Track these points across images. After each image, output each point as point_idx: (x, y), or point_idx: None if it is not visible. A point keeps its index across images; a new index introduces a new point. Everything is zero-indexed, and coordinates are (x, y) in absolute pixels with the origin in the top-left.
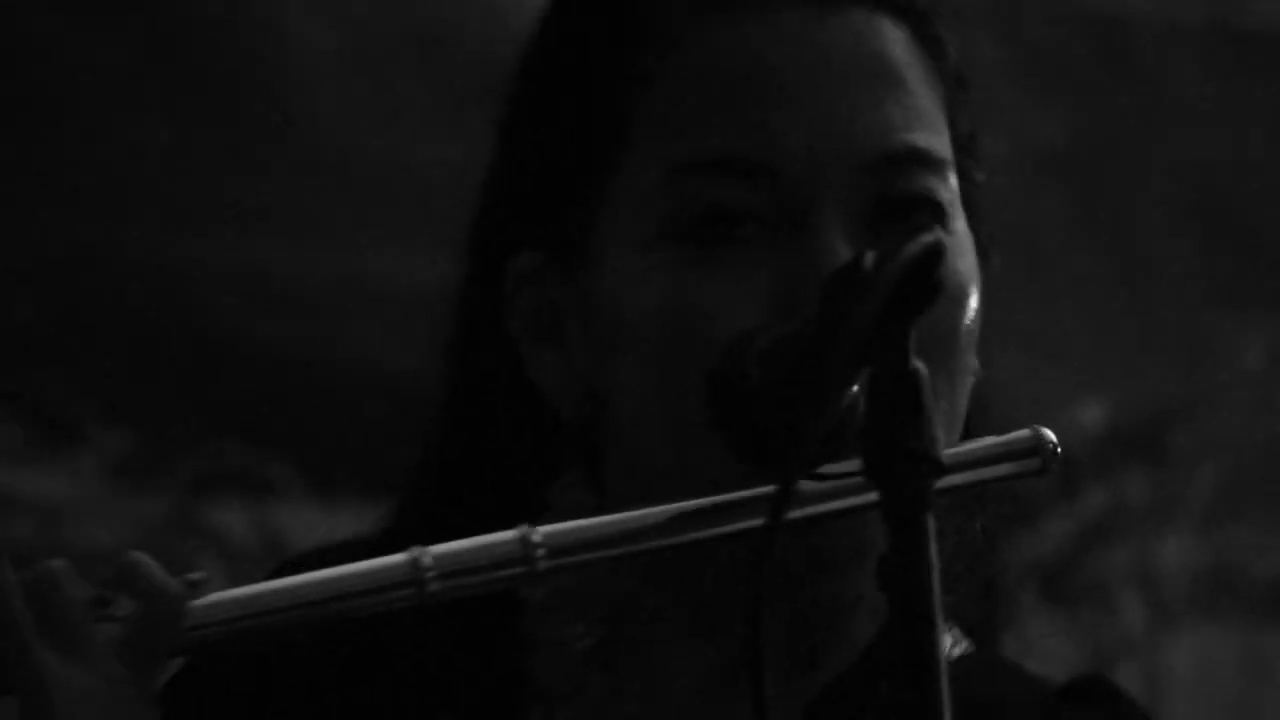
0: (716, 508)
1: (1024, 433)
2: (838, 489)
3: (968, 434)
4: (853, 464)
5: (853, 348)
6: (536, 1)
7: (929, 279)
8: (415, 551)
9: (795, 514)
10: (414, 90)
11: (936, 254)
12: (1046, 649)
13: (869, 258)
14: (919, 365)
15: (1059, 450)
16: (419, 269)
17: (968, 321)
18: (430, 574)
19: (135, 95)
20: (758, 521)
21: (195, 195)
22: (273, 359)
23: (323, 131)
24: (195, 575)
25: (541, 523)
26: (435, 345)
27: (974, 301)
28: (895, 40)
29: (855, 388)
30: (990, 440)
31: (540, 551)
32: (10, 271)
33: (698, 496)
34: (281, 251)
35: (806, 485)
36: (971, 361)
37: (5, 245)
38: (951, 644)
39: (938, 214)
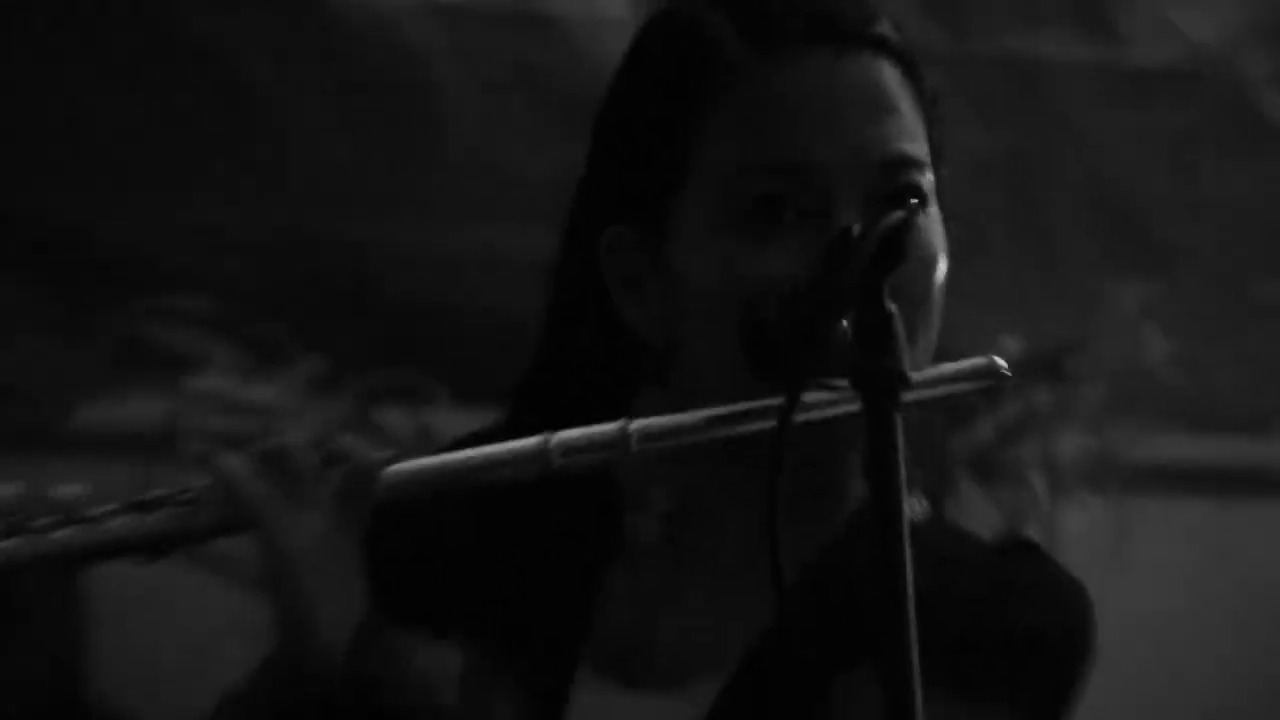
0: (750, 411)
1: (983, 360)
2: (832, 398)
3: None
4: (842, 380)
5: (842, 294)
6: (616, 45)
7: (898, 245)
8: (545, 436)
9: (803, 416)
10: (525, 112)
11: (903, 228)
12: (976, 513)
13: (855, 229)
14: (892, 307)
15: (1008, 372)
16: (528, 241)
17: (939, 280)
18: (556, 453)
19: (332, 120)
20: (773, 421)
21: (374, 189)
22: (426, 305)
23: (463, 143)
24: (386, 454)
25: None
26: (539, 296)
27: (943, 265)
28: (890, 76)
29: (844, 323)
30: (961, 364)
31: (634, 438)
32: (243, 245)
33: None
34: (432, 229)
35: (810, 395)
36: (941, 308)
37: (241, 227)
38: (916, 506)
39: (922, 201)
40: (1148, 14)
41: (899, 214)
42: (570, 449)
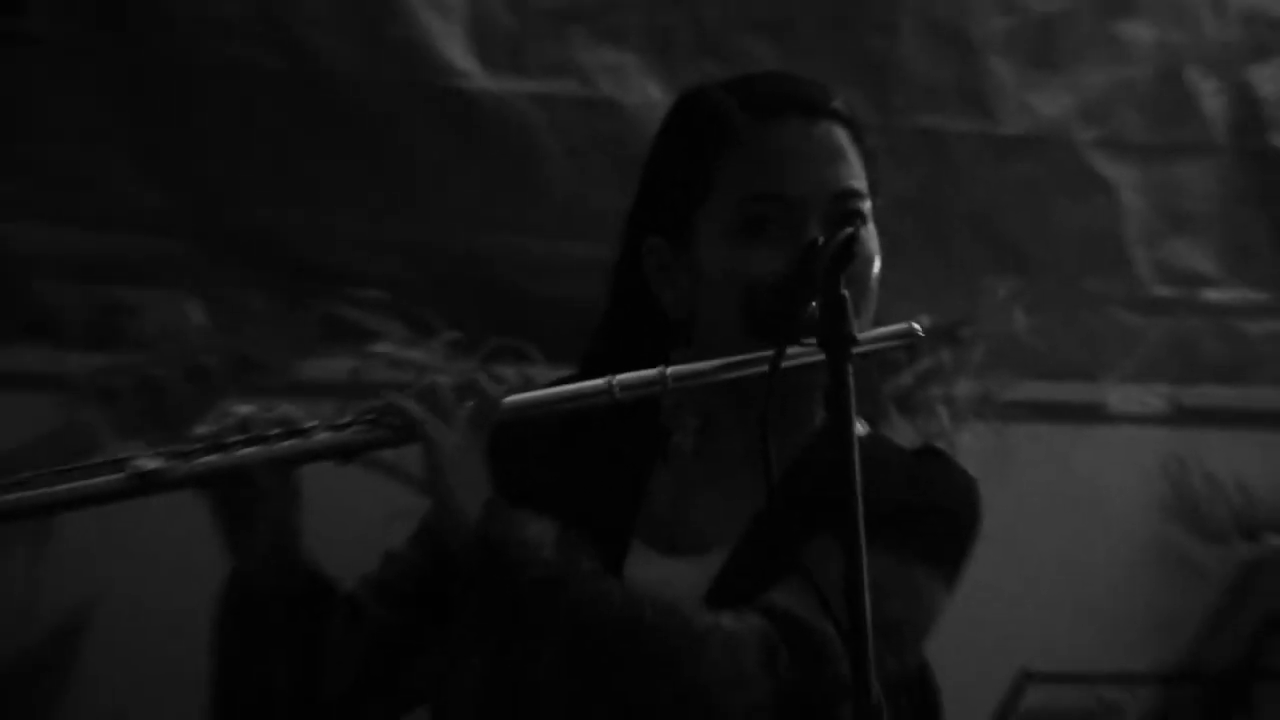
0: (749, 360)
1: (903, 325)
2: (805, 352)
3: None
4: (812, 340)
5: (812, 283)
6: (657, 119)
7: (849, 248)
8: (610, 376)
9: (786, 364)
10: (597, 165)
11: (851, 240)
12: (900, 434)
13: (820, 240)
14: (845, 292)
15: (921, 334)
16: (596, 252)
17: (875, 273)
18: (617, 388)
19: (471, 171)
20: (765, 367)
21: (497, 216)
22: (528, 294)
23: (556, 186)
24: (502, 387)
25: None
26: (602, 288)
27: (878, 263)
28: (842, 136)
29: (813, 303)
30: (887, 328)
31: (670, 379)
32: (407, 255)
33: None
34: (533, 243)
35: (791, 350)
36: (876, 292)
37: (406, 243)
38: (860, 426)
39: (864, 220)
40: (1012, 98)
41: (849, 230)
42: (626, 386)
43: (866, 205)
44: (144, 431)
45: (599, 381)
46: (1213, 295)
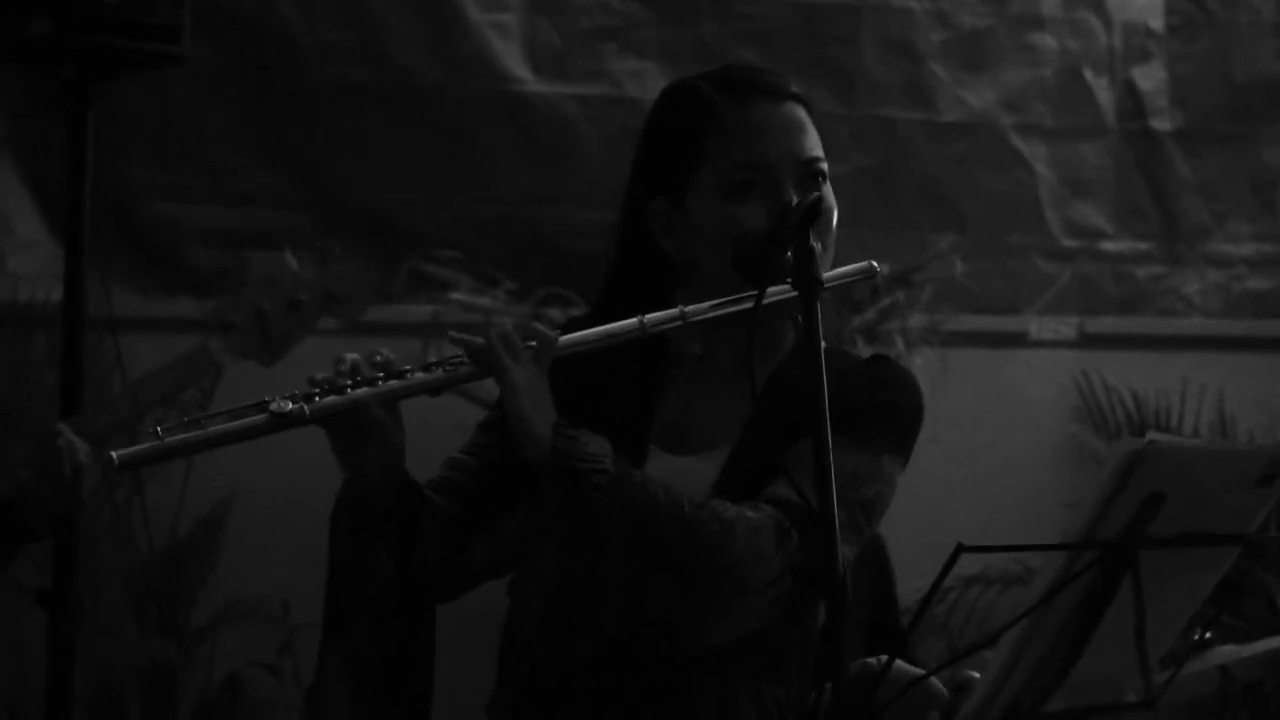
0: (742, 298)
1: (865, 264)
2: (782, 291)
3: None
4: (787, 281)
5: (787, 235)
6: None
7: (817, 208)
8: (640, 316)
9: (767, 300)
10: (626, 149)
11: (819, 200)
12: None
13: (794, 200)
14: (815, 244)
15: (879, 268)
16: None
17: (834, 227)
18: (647, 325)
19: (524, 157)
20: (750, 304)
21: (544, 192)
22: (571, 252)
23: (592, 166)
24: (555, 330)
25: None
26: (613, 239)
27: (835, 217)
28: (802, 113)
29: (789, 253)
30: (851, 266)
31: (687, 315)
32: (475, 224)
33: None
34: (574, 212)
35: (771, 290)
36: (834, 235)
37: (475, 215)
38: (824, 344)
39: (825, 179)
40: (948, 93)
41: (815, 195)
42: (654, 322)
43: (826, 167)
44: (254, 352)
45: (632, 321)
46: (1108, 246)
